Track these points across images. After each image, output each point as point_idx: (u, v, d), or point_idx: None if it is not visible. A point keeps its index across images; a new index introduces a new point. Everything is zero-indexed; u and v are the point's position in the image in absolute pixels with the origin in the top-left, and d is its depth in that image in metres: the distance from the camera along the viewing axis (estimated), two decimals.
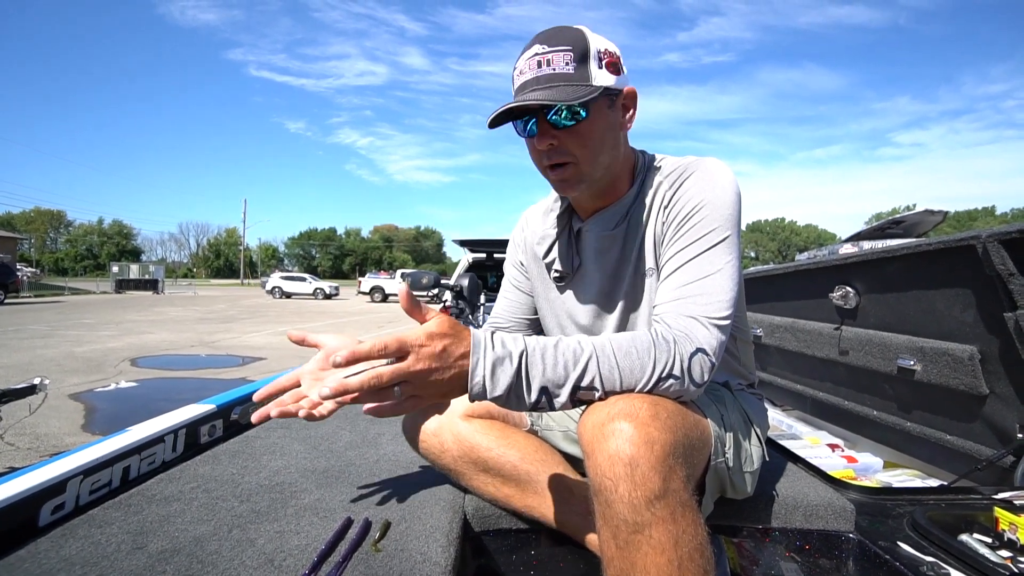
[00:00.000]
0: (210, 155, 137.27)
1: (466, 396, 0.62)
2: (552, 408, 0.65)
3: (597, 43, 0.76)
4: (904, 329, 1.47)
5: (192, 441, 1.16)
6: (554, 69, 0.73)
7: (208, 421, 1.22)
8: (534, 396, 0.62)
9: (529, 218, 1.02)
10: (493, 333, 0.64)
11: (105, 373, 5.36)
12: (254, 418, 0.71)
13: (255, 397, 0.76)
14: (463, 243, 4.53)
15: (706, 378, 0.67)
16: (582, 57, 0.74)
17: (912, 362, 1.40)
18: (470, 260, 4.36)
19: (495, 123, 0.76)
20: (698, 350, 0.67)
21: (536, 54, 0.74)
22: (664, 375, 0.65)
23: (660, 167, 0.85)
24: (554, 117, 0.75)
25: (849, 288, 1.62)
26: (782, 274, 2.07)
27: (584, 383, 0.63)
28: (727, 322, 0.70)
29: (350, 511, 0.86)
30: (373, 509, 0.87)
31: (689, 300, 0.71)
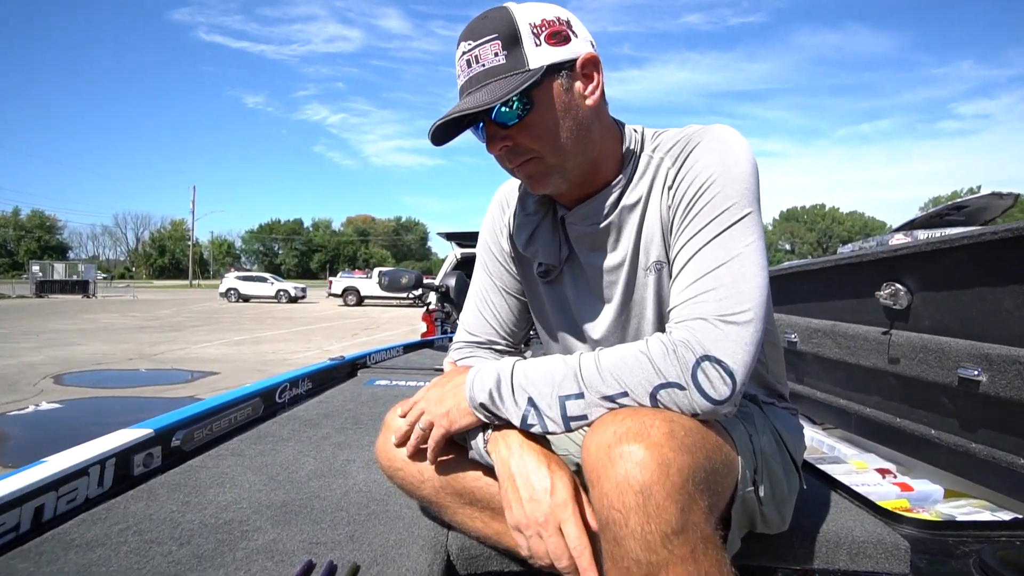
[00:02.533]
0: (153, 135, 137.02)
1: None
2: (546, 430, 0.69)
3: (529, 16, 0.75)
4: (966, 333, 1.47)
5: (124, 473, 1.15)
6: (483, 65, 0.74)
7: (144, 449, 1.21)
8: (521, 413, 0.70)
9: (509, 197, 1.01)
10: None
11: (21, 393, 5.33)
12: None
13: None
14: (450, 236, 4.54)
15: (725, 392, 0.66)
16: (511, 41, 0.74)
17: (976, 371, 1.40)
18: (458, 256, 4.37)
19: (441, 140, 0.79)
20: (704, 357, 0.65)
21: (463, 53, 0.76)
22: (657, 387, 0.66)
23: (658, 142, 0.85)
24: (499, 118, 0.76)
25: (899, 285, 1.62)
26: (820, 269, 2.08)
27: (570, 405, 0.68)
28: (751, 315, 0.68)
29: (312, 553, 0.85)
30: (339, 550, 0.86)
31: (700, 297, 0.70)
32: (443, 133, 0.78)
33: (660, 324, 0.85)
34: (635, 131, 0.87)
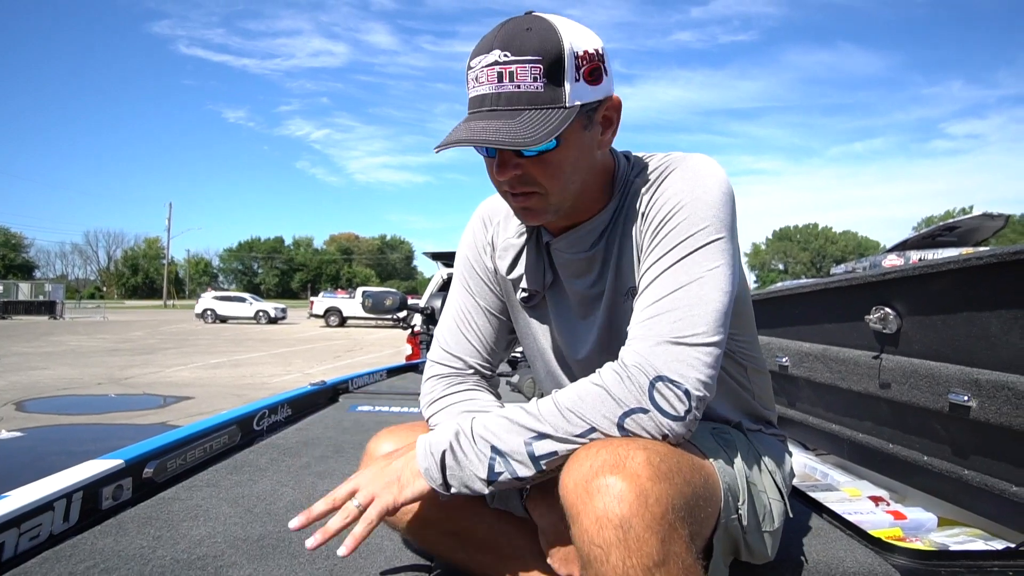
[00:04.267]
0: (127, 150, 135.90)
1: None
2: (515, 475, 0.70)
3: (575, 44, 0.72)
4: (955, 358, 1.50)
5: (91, 507, 1.13)
6: (518, 86, 0.71)
7: (113, 480, 1.20)
8: (486, 463, 0.70)
9: (493, 215, 0.99)
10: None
11: None
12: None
13: (292, 526, 0.77)
14: (436, 256, 4.56)
15: (683, 410, 0.67)
16: (554, 69, 0.71)
17: (966, 397, 1.43)
18: (444, 277, 4.37)
19: (446, 147, 0.75)
20: (658, 378, 0.67)
21: (496, 63, 0.71)
22: (621, 416, 0.67)
23: (640, 170, 0.86)
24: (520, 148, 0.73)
25: (888, 309, 1.65)
26: (811, 292, 2.11)
27: (537, 445, 0.69)
28: (709, 338, 0.70)
29: None
30: None
31: (656, 319, 0.71)
32: (446, 145, 0.75)
33: None
34: (625, 159, 0.88)
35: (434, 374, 0.95)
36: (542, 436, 0.69)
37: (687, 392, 0.67)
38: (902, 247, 11.87)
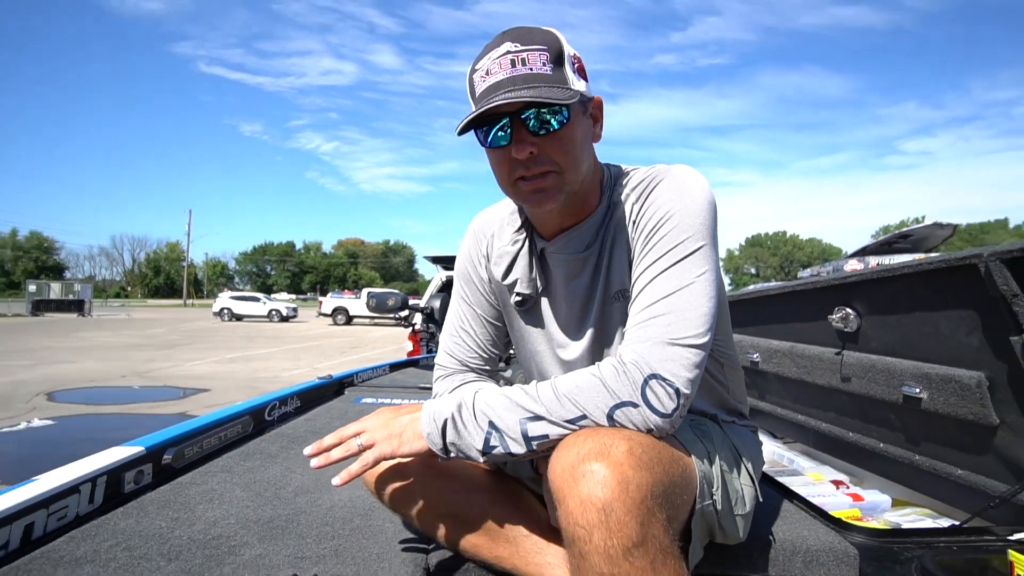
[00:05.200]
0: (151, 160, 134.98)
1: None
2: (508, 450, 0.70)
3: (568, 47, 0.77)
4: (909, 354, 1.51)
5: (114, 490, 1.12)
6: (531, 68, 0.73)
7: (135, 466, 1.18)
8: (483, 436, 0.71)
9: (486, 228, 0.99)
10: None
11: (13, 410, 5.15)
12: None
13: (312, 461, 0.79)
14: (436, 260, 4.55)
15: (672, 408, 0.68)
16: (558, 58, 0.74)
17: (918, 389, 1.44)
18: (444, 279, 4.36)
19: (467, 129, 0.76)
20: (652, 376, 0.67)
21: (508, 52, 0.73)
22: (612, 407, 0.67)
23: (627, 180, 0.86)
24: (533, 122, 0.74)
25: (849, 310, 1.66)
26: (779, 294, 2.12)
27: (531, 426, 0.69)
28: (700, 340, 0.70)
29: (297, 567, 0.84)
30: (324, 564, 0.86)
31: (653, 322, 0.72)
32: (467, 124, 0.75)
33: None
34: (607, 169, 0.89)
35: (440, 375, 0.98)
36: (537, 418, 0.69)
37: (677, 391, 0.68)
38: (862, 253, 11.97)
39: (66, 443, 4.14)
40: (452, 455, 0.73)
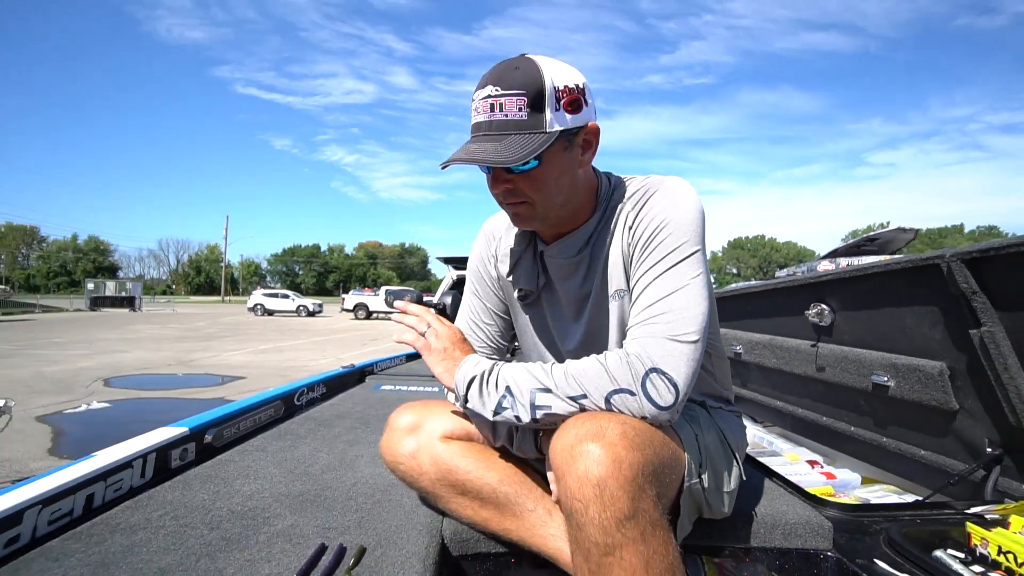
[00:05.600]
0: (192, 172, 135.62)
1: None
2: (517, 417, 0.71)
3: (556, 79, 0.73)
4: (878, 346, 1.50)
5: (162, 466, 1.13)
6: (506, 115, 0.72)
7: (180, 445, 1.19)
8: (497, 399, 0.72)
9: (495, 230, 0.99)
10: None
11: (75, 394, 5.19)
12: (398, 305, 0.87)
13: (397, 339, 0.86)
14: (447, 260, 4.54)
15: (670, 399, 0.67)
16: (536, 102, 0.72)
17: (886, 378, 1.43)
18: (454, 278, 4.35)
19: (447, 165, 0.76)
20: (652, 370, 0.67)
21: (488, 96, 0.73)
22: (611, 392, 0.67)
23: (623, 189, 0.86)
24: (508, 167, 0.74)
25: (824, 305, 1.65)
26: (760, 292, 2.11)
27: (539, 396, 0.69)
28: (695, 337, 0.70)
29: (324, 536, 0.84)
30: (348, 534, 0.86)
31: (653, 320, 0.71)
32: (448, 163, 0.76)
33: (621, 342, 0.86)
34: (607, 178, 0.88)
35: None
36: (546, 389, 0.69)
37: (676, 385, 0.67)
38: (833, 255, 11.88)
39: (120, 424, 4.17)
40: (468, 406, 0.75)
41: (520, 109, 0.72)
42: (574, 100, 0.74)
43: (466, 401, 0.75)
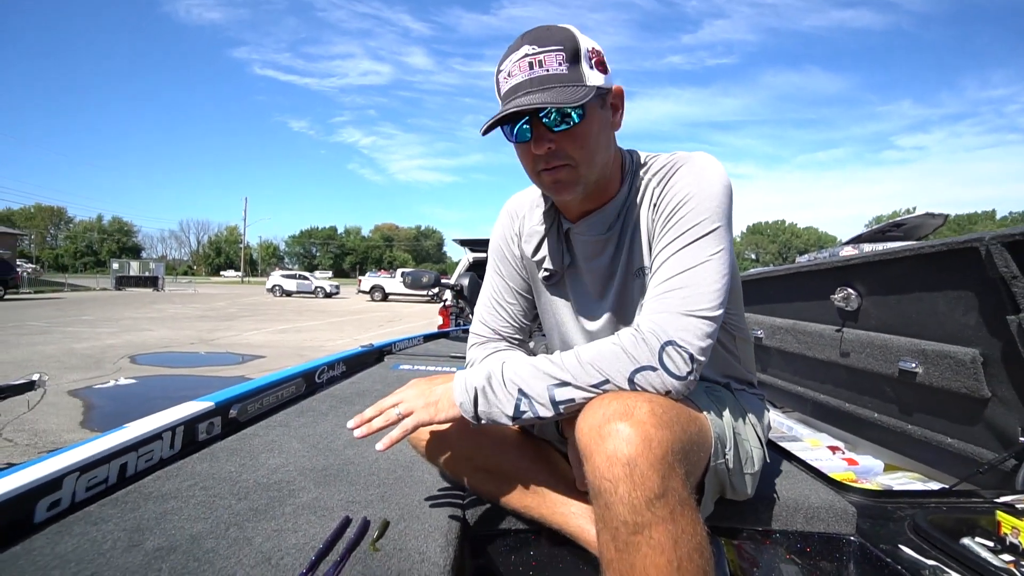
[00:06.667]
0: (212, 153, 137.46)
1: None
2: (537, 415, 0.69)
3: (585, 42, 0.74)
4: (906, 331, 1.46)
5: (190, 439, 1.15)
6: (547, 70, 0.71)
7: (206, 418, 1.22)
8: (513, 403, 0.69)
9: (519, 209, 0.97)
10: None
11: (104, 370, 5.36)
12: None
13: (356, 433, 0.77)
14: (464, 242, 4.53)
15: (687, 371, 0.66)
16: (574, 57, 0.72)
17: (914, 364, 1.39)
18: (471, 260, 4.35)
19: (492, 127, 0.75)
20: (668, 343, 0.66)
21: (526, 55, 0.72)
22: (633, 372, 0.66)
23: (649, 165, 0.84)
24: (549, 120, 0.72)
25: (851, 290, 1.61)
26: (783, 275, 2.07)
27: (558, 392, 0.68)
28: (713, 313, 0.69)
29: (348, 510, 0.86)
30: (372, 508, 0.87)
31: (670, 294, 0.70)
32: (492, 123, 0.74)
33: None
34: (631, 155, 0.86)
35: (474, 343, 0.96)
36: (563, 384, 0.68)
37: (691, 356, 0.66)
38: (856, 240, 11.58)
39: (147, 398, 4.30)
40: (483, 421, 0.73)
41: (560, 64, 0.71)
42: (601, 61, 0.75)
43: (479, 418, 0.72)
